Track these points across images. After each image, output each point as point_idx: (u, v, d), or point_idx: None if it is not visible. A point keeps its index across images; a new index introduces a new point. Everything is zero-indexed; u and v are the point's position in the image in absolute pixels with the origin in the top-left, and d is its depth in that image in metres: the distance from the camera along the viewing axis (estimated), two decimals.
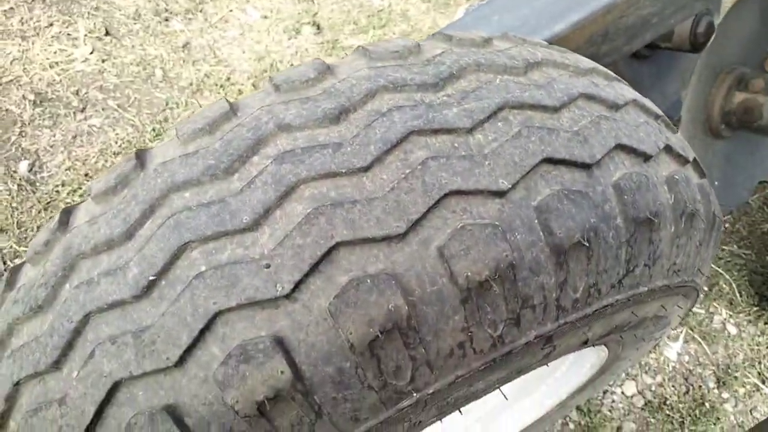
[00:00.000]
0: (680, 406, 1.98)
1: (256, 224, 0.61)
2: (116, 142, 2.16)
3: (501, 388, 0.83)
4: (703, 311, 2.23)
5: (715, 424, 1.94)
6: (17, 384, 0.65)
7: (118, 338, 0.59)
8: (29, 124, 2.17)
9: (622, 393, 1.99)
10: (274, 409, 0.59)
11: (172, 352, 0.58)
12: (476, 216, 0.62)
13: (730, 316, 2.23)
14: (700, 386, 2.04)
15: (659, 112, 0.91)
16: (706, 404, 1.99)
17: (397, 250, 0.60)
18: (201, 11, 2.69)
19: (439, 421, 0.84)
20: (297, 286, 0.58)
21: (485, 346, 0.65)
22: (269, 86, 0.72)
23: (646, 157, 0.77)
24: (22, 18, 2.58)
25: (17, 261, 1.85)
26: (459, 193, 0.63)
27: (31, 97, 2.25)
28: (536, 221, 0.64)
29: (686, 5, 1.39)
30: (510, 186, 0.64)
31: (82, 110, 2.24)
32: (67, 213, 0.72)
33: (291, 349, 0.58)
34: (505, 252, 0.62)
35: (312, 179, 0.62)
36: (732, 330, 2.20)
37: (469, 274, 0.60)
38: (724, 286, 2.30)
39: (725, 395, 2.03)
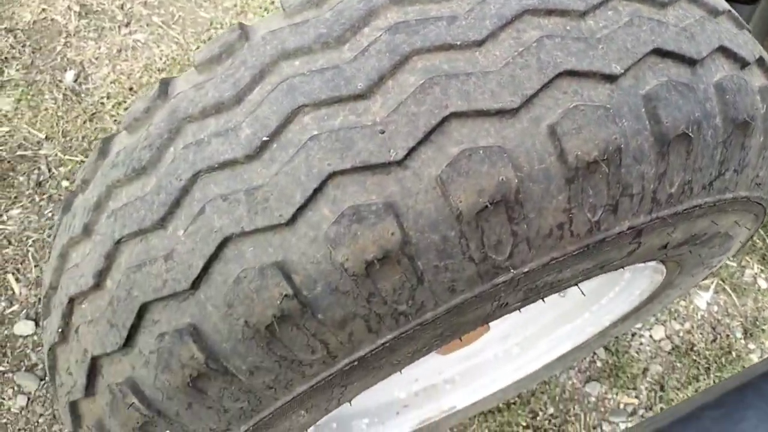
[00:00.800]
0: (707, 353, 2.01)
1: (369, 91, 0.61)
2: (160, 59, 2.15)
3: (580, 283, 0.85)
4: (735, 264, 2.23)
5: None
6: (118, 242, 0.67)
7: (229, 196, 0.61)
8: (74, 35, 2.16)
9: (650, 336, 2.02)
10: (381, 271, 0.60)
11: (284, 209, 0.59)
12: (587, 98, 0.62)
13: (762, 270, 2.23)
14: (728, 335, 2.06)
15: (749, 28, 0.89)
16: (733, 353, 2.02)
17: (510, 125, 0.60)
18: None
19: (519, 311, 0.86)
20: (410, 153, 0.59)
21: (582, 230, 0.66)
22: None
23: (744, 64, 0.76)
24: None
25: (62, 169, 1.87)
26: (573, 73, 0.62)
27: (77, 8, 2.23)
28: (643, 110, 0.64)
29: None
30: (622, 71, 0.64)
31: (127, 25, 2.23)
32: (166, 83, 0.72)
33: (400, 214, 0.59)
34: (615, 135, 0.62)
35: (426, 50, 0.62)
36: (762, 284, 2.20)
37: (579, 153, 0.61)
38: (757, 241, 2.29)
39: (751, 346, 2.05)
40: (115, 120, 2.01)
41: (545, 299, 0.86)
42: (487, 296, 0.68)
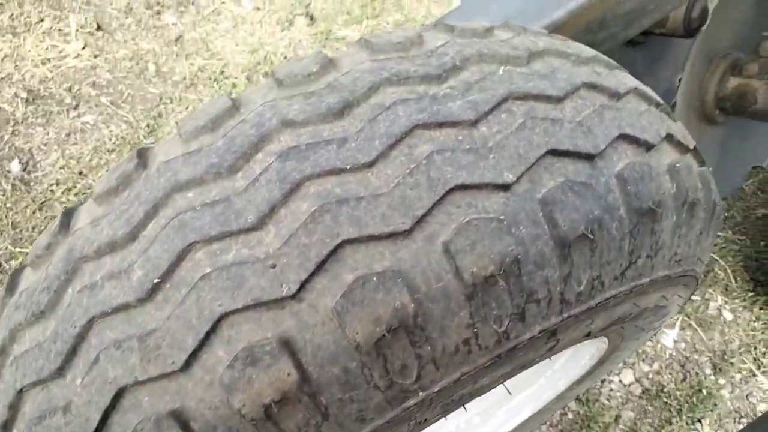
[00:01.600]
0: (677, 393, 2.00)
1: (261, 223, 0.60)
2: (110, 139, 2.14)
3: (504, 383, 0.83)
4: (699, 298, 2.24)
5: (712, 410, 1.96)
6: (20, 391, 0.65)
7: (122, 343, 0.59)
8: (22, 122, 2.15)
9: (620, 381, 2.00)
10: (281, 412, 0.58)
11: (177, 356, 0.57)
12: (481, 210, 0.62)
13: (726, 302, 2.24)
14: (697, 373, 2.05)
15: (660, 100, 0.91)
16: (703, 391, 2.01)
17: (403, 246, 0.60)
18: (193, 3, 2.67)
19: (443, 419, 0.85)
20: (303, 285, 0.58)
21: (490, 342, 0.65)
22: (271, 81, 0.72)
23: (649, 147, 0.77)
24: (12, 14, 2.55)
25: (13, 263, 1.84)
26: (464, 187, 0.62)
27: (24, 94, 2.22)
28: (541, 214, 0.64)
29: None
30: (515, 179, 0.64)
31: (75, 107, 2.22)
32: (68, 215, 0.71)
33: (297, 350, 0.58)
34: (510, 246, 0.61)
35: (317, 176, 0.62)
36: (728, 316, 2.21)
37: (475, 269, 0.60)
38: (719, 272, 2.31)
39: (722, 381, 2.04)
40: (65, 206, 1.99)
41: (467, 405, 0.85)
42: (400, 419, 0.66)
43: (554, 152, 0.67)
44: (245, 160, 0.64)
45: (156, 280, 0.59)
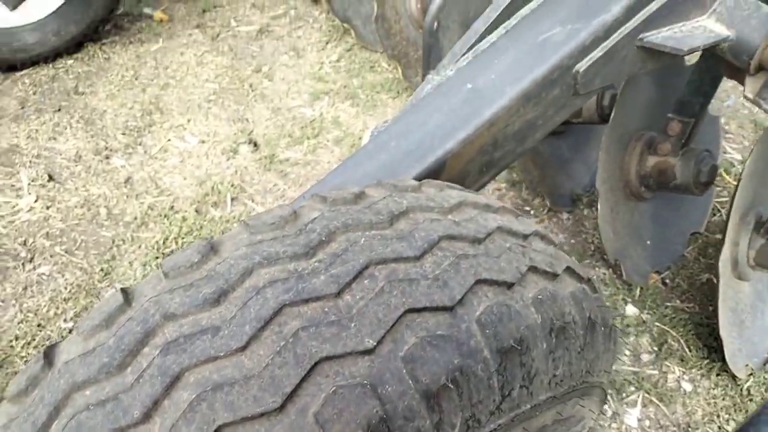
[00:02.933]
0: None
1: (146, 417, 0.67)
2: (66, 288, 2.20)
3: None
4: (656, 372, 2.29)
5: None
6: None
7: None
8: None
9: None
10: None
11: None
12: (348, 377, 0.69)
13: (684, 372, 2.29)
14: None
15: (528, 231, 1.01)
16: None
17: (277, 422, 0.67)
18: (140, 144, 2.82)
19: None
20: None
21: None
22: (160, 273, 0.80)
23: (509, 285, 0.86)
24: None
25: None
26: (329, 358, 0.70)
27: None
28: (404, 371, 0.72)
29: (566, 104, 1.53)
30: (375, 343, 0.72)
31: (31, 260, 2.30)
32: None
33: None
34: (375, 408, 0.68)
35: (195, 365, 0.69)
36: (687, 387, 2.26)
37: None
38: (672, 343, 2.38)
39: None
40: (26, 360, 2.02)
41: None
42: None
43: (413, 310, 0.76)
44: (132, 356, 0.71)
45: None
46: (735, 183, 2.77)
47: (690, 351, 2.35)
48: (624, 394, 2.20)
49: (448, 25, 2.39)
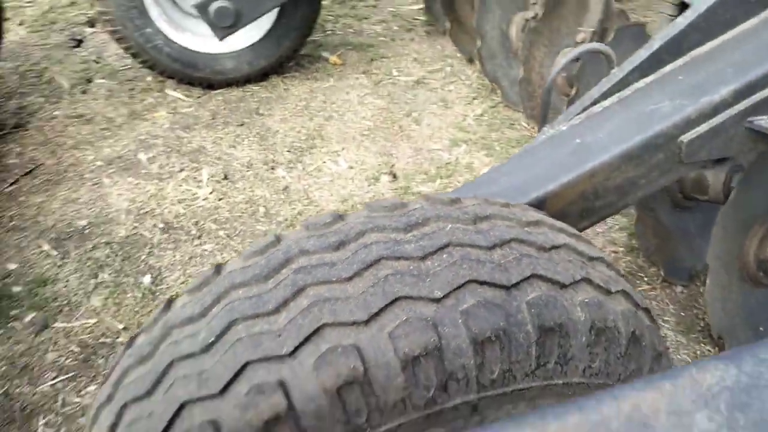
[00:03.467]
0: None
1: (276, 310, 0.98)
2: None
3: None
4: None
5: None
6: (124, 406, 1.03)
7: (188, 375, 0.96)
8: (156, 246, 2.75)
9: None
10: (276, 428, 0.92)
11: (217, 384, 0.94)
12: (417, 312, 0.96)
13: None
14: None
15: (594, 255, 1.21)
16: None
17: (361, 331, 0.94)
18: (301, 162, 3.29)
19: None
20: (296, 348, 0.93)
21: (420, 403, 0.95)
22: (302, 227, 1.13)
23: (561, 285, 1.08)
24: (160, 164, 3.29)
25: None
26: (407, 297, 0.97)
27: (161, 225, 2.86)
28: (460, 320, 0.97)
29: (671, 170, 1.69)
30: (442, 295, 0.98)
31: (199, 237, 2.80)
32: (171, 301, 1.13)
33: (288, 389, 0.92)
34: (433, 338, 0.94)
35: (314, 284, 0.99)
36: None
37: (407, 350, 0.93)
38: None
39: None
40: None
41: None
42: None
43: (476, 281, 1.01)
44: (275, 273, 1.03)
45: (211, 340, 0.98)
46: None
47: None
48: None
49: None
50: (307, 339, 0.93)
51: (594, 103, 1.76)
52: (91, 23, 4.48)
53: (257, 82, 3.96)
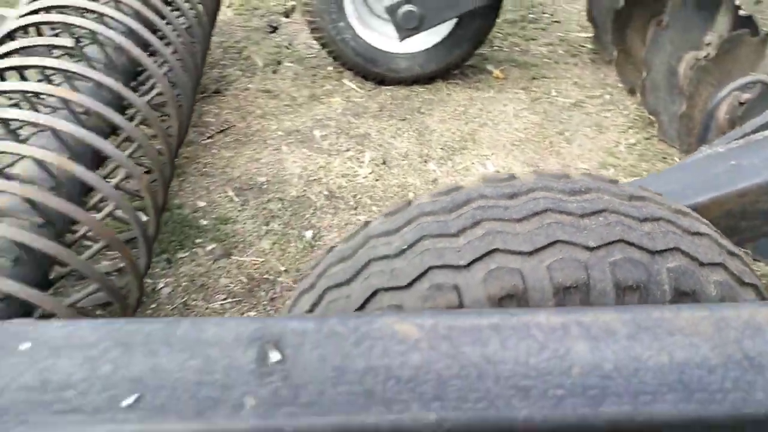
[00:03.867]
0: None
1: (458, 234, 1.23)
2: None
3: None
4: None
5: None
6: (325, 291, 1.33)
7: (382, 271, 1.25)
8: (319, 209, 3.14)
9: None
10: None
11: (405, 280, 1.21)
12: (572, 254, 1.18)
13: None
14: None
15: (734, 251, 1.36)
16: None
17: (525, 261, 1.18)
18: (451, 160, 3.57)
19: None
20: (471, 263, 1.18)
21: None
22: (481, 180, 1.38)
23: (700, 263, 1.24)
24: (331, 142, 3.71)
25: (289, 292, 2.69)
26: (564, 242, 1.19)
27: (325, 192, 3.25)
28: (607, 268, 1.17)
29: None
30: (595, 245, 1.19)
31: (354, 208, 3.16)
32: (367, 222, 1.43)
33: (461, 292, 1.17)
34: (583, 276, 1.15)
35: (489, 219, 1.24)
36: None
37: (560, 280, 1.15)
38: None
39: None
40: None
41: None
42: None
43: (625, 242, 1.20)
44: (458, 208, 1.29)
45: (404, 247, 1.25)
46: None
47: None
48: None
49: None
50: (480, 257, 1.18)
51: (755, 131, 1.86)
52: (287, 14, 5.08)
53: (423, 84, 4.30)
